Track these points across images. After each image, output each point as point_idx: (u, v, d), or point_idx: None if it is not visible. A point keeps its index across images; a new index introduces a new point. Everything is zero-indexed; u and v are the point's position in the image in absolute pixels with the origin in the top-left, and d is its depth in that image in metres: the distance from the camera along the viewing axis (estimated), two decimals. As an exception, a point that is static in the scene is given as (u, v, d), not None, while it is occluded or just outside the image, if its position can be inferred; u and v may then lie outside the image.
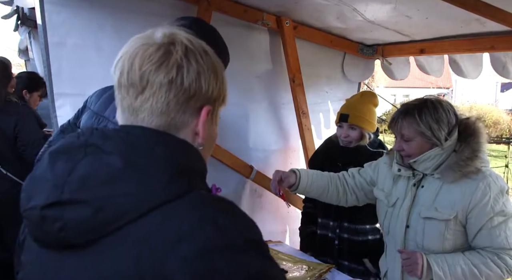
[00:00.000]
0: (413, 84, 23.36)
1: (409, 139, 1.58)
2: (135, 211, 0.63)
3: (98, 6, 2.23)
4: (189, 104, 0.72)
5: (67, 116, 2.13)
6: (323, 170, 2.19)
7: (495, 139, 15.95)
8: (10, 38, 23.57)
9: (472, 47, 2.63)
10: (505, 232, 1.50)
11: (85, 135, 0.69)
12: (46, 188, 0.66)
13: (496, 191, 1.50)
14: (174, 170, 0.67)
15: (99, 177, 0.64)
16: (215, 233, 0.61)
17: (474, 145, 1.53)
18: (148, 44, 0.72)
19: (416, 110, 1.56)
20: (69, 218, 0.63)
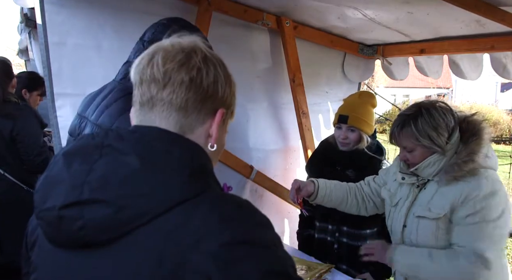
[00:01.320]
0: (413, 84, 23.36)
1: (411, 150, 1.57)
2: (154, 210, 0.64)
3: (98, 6, 2.22)
4: (206, 104, 0.76)
5: (67, 116, 2.13)
6: (322, 174, 2.19)
7: (495, 139, 15.95)
8: (10, 38, 23.62)
9: (472, 47, 2.63)
10: (477, 233, 1.47)
11: (100, 136, 0.72)
12: (64, 189, 0.67)
13: (485, 192, 1.47)
14: (191, 170, 0.69)
15: (118, 177, 0.66)
16: (236, 230, 0.64)
17: (473, 147, 1.50)
18: (170, 48, 0.76)
19: (412, 121, 1.53)
20: (89, 217, 0.65)
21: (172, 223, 0.64)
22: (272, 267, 0.64)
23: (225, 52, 2.81)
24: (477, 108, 19.54)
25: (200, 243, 0.62)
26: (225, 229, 0.63)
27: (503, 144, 15.13)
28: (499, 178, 1.56)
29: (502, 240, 1.50)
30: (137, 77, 0.77)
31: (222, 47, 2.57)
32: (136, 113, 0.79)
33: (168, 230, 0.63)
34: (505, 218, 1.47)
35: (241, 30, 2.76)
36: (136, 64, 0.78)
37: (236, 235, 0.63)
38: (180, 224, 0.64)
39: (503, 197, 1.50)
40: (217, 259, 0.61)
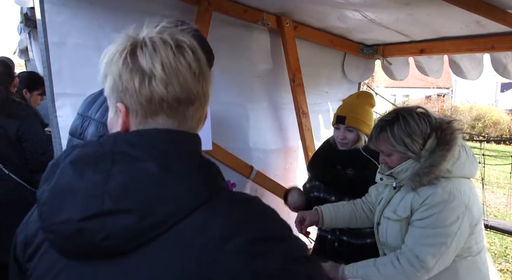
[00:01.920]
0: (413, 84, 23.37)
1: (388, 155, 1.63)
2: (177, 215, 0.65)
3: (99, 6, 2.23)
4: (198, 96, 0.77)
5: (67, 116, 2.13)
6: (323, 173, 2.22)
7: (495, 139, 15.95)
8: (10, 38, 23.61)
9: (472, 47, 2.63)
10: (419, 237, 1.53)
11: (109, 143, 0.70)
12: (80, 200, 0.65)
13: (436, 201, 1.50)
14: (205, 172, 0.70)
15: (140, 185, 0.65)
16: (256, 227, 0.67)
17: (437, 157, 1.52)
18: (179, 43, 0.76)
19: (389, 127, 1.58)
20: (113, 227, 0.64)
21: (193, 227, 0.64)
22: (291, 254, 0.67)
23: (225, 52, 2.84)
24: (477, 108, 19.58)
25: (224, 243, 0.63)
26: (246, 227, 0.66)
27: (503, 144, 15.13)
28: (463, 187, 1.54)
29: (447, 249, 1.51)
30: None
31: (222, 47, 2.58)
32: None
33: (190, 234, 0.64)
34: (453, 229, 1.49)
35: (241, 30, 2.77)
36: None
37: (257, 232, 0.66)
38: (201, 227, 0.64)
39: (455, 209, 1.50)
40: (243, 257, 0.63)
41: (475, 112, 19.21)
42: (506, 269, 4.95)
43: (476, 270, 1.61)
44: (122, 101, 0.73)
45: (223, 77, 2.69)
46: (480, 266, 1.62)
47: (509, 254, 5.41)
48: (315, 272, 0.71)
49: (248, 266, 0.63)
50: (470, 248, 1.58)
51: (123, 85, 0.72)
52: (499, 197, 8.10)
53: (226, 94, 2.74)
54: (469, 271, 1.60)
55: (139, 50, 0.72)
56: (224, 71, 2.68)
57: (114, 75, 0.73)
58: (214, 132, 2.52)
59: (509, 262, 5.17)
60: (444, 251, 1.50)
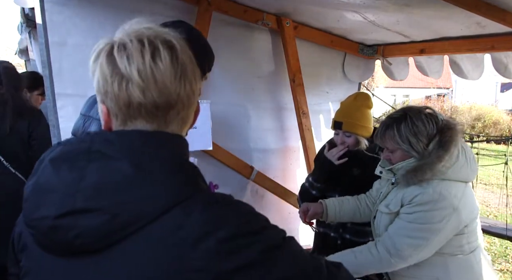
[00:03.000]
0: (413, 84, 23.36)
1: (392, 151, 1.66)
2: (150, 215, 0.65)
3: (99, 5, 2.23)
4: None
5: (68, 116, 2.13)
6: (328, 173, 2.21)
7: (495, 139, 15.94)
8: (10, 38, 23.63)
9: (472, 47, 2.62)
10: (398, 227, 1.59)
11: (87, 141, 0.70)
12: (56, 198, 0.67)
13: (424, 200, 1.54)
14: (182, 173, 0.70)
15: (112, 184, 0.66)
16: (230, 225, 0.67)
17: (434, 158, 1.55)
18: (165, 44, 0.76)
19: (396, 124, 1.62)
20: (85, 225, 0.65)
21: (167, 227, 0.65)
22: (267, 244, 0.68)
23: (225, 52, 2.84)
24: (477, 108, 19.58)
25: (198, 242, 0.63)
26: (220, 226, 0.65)
27: (503, 144, 15.12)
28: (455, 190, 1.56)
29: (426, 244, 1.54)
30: None
31: (222, 47, 2.58)
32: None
33: (163, 234, 0.64)
34: (436, 227, 1.52)
35: (242, 30, 2.77)
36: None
37: (231, 229, 0.66)
38: (175, 227, 0.64)
39: (443, 209, 1.53)
40: (217, 254, 0.63)
41: (475, 112, 19.21)
42: (506, 269, 4.95)
43: (468, 268, 1.63)
44: (104, 103, 0.74)
45: (224, 77, 2.69)
46: (474, 264, 1.64)
47: (509, 254, 5.41)
48: (294, 249, 0.73)
49: (221, 265, 0.63)
50: (461, 247, 1.61)
51: (104, 88, 0.73)
52: (499, 197, 8.10)
53: (226, 94, 2.74)
54: (461, 268, 1.63)
55: (116, 53, 0.71)
56: (225, 71, 2.67)
57: (97, 76, 0.74)
58: (215, 132, 2.52)
59: (509, 262, 5.17)
60: (423, 245, 1.54)
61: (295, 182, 3.11)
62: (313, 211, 1.94)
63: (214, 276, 0.63)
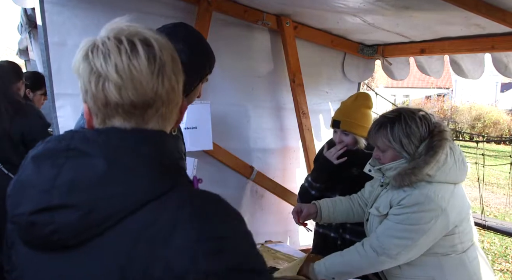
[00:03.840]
0: (413, 84, 23.36)
1: (384, 151, 1.67)
2: (124, 210, 0.66)
3: (99, 5, 2.23)
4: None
5: (67, 116, 2.13)
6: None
7: (495, 139, 15.94)
8: (10, 38, 23.61)
9: (472, 47, 2.62)
10: (386, 227, 1.61)
11: (66, 139, 0.71)
12: (34, 194, 0.68)
13: (410, 203, 1.56)
14: (160, 168, 0.70)
15: (86, 181, 0.66)
16: (206, 225, 0.66)
17: (421, 162, 1.56)
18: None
19: (389, 124, 1.62)
20: (60, 221, 0.66)
21: (141, 222, 0.65)
22: (240, 264, 0.67)
23: (225, 52, 2.84)
24: (477, 108, 19.58)
25: (170, 239, 0.64)
26: (194, 224, 0.65)
27: (503, 144, 15.13)
28: (442, 192, 1.58)
29: (413, 244, 1.56)
30: None
31: (222, 47, 2.58)
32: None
33: (137, 229, 0.65)
34: (423, 227, 1.54)
35: (242, 30, 2.77)
36: None
37: (206, 230, 0.65)
38: (149, 223, 0.65)
39: (430, 211, 1.55)
40: (187, 254, 0.63)
41: (475, 112, 19.21)
42: (506, 269, 4.95)
43: (462, 266, 1.65)
44: (86, 102, 0.75)
45: (224, 77, 2.69)
46: (467, 263, 1.65)
47: (509, 254, 5.41)
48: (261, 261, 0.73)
49: (193, 265, 0.63)
50: (453, 247, 1.63)
51: (84, 86, 0.73)
52: (499, 197, 8.10)
53: (226, 94, 2.74)
54: (455, 267, 1.64)
55: (94, 51, 0.72)
56: (225, 71, 2.68)
57: (79, 74, 0.74)
58: (215, 132, 2.52)
59: (509, 262, 5.17)
60: (410, 245, 1.56)
61: (295, 182, 3.12)
62: (306, 211, 1.94)
63: (181, 274, 0.63)
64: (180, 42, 0.85)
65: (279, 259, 2.04)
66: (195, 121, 2.55)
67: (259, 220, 3.00)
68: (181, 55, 0.83)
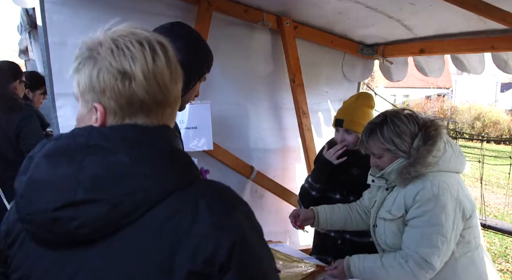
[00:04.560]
0: (413, 84, 23.37)
1: (380, 156, 1.68)
2: (147, 203, 0.69)
3: (99, 5, 2.23)
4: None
5: (68, 116, 2.13)
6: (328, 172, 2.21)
7: (495, 139, 15.94)
8: (10, 38, 23.61)
9: (472, 47, 2.62)
10: (417, 236, 1.57)
11: (84, 136, 0.73)
12: (54, 191, 0.69)
13: (427, 196, 1.55)
14: (178, 162, 0.74)
15: (111, 176, 0.69)
16: (223, 212, 0.72)
17: (423, 152, 1.57)
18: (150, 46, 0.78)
19: (378, 129, 1.64)
20: (86, 216, 0.68)
21: (163, 214, 0.69)
22: (255, 227, 0.76)
23: (225, 52, 2.84)
24: (477, 108, 19.59)
25: (192, 228, 0.68)
26: (213, 213, 0.70)
27: (503, 144, 15.13)
28: (450, 181, 1.59)
29: (448, 245, 1.55)
30: None
31: (222, 47, 2.58)
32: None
33: (160, 221, 0.68)
34: (449, 224, 1.54)
35: (242, 30, 2.77)
36: None
37: (223, 216, 0.71)
38: (171, 214, 0.69)
39: (448, 201, 1.54)
40: (211, 240, 0.67)
41: (475, 112, 19.22)
42: (506, 269, 4.96)
43: (473, 266, 1.64)
44: (100, 102, 0.75)
45: (224, 77, 2.69)
46: (477, 262, 1.65)
47: (509, 254, 5.41)
48: (266, 251, 0.78)
49: (220, 248, 0.68)
50: (469, 243, 1.62)
51: (100, 85, 0.74)
52: (499, 197, 8.10)
53: (226, 94, 2.74)
54: (466, 267, 1.63)
55: (117, 53, 0.74)
56: (225, 71, 2.68)
57: (90, 73, 0.74)
58: (215, 132, 2.53)
59: (509, 262, 5.17)
60: (446, 248, 1.54)
61: (295, 181, 3.12)
62: (303, 216, 1.95)
63: (199, 258, 0.66)
64: (178, 41, 0.86)
65: (279, 259, 2.04)
66: (195, 121, 2.55)
67: (259, 220, 2.99)
68: (179, 54, 0.84)
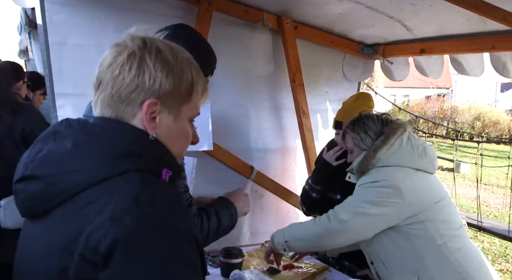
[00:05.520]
0: (413, 84, 23.34)
1: (351, 151, 1.90)
2: (77, 186, 0.73)
3: (100, 5, 2.23)
4: (131, 97, 0.80)
5: (68, 116, 2.11)
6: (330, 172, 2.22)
7: (495, 139, 15.94)
8: (10, 38, 23.59)
9: (472, 47, 2.62)
10: (343, 202, 1.76)
11: (57, 124, 0.83)
12: (20, 167, 0.80)
13: (368, 180, 1.73)
14: (117, 153, 0.75)
15: (53, 157, 0.76)
16: (130, 205, 0.69)
17: (376, 147, 1.75)
18: (112, 47, 0.83)
19: (351, 125, 1.89)
20: (30, 190, 0.77)
21: (85, 200, 0.72)
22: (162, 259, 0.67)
23: (225, 52, 2.83)
24: (477, 108, 19.58)
25: (96, 216, 0.69)
26: (118, 206, 0.69)
27: (503, 144, 15.12)
28: (397, 174, 1.70)
29: (365, 213, 1.67)
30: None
31: (222, 47, 2.57)
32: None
33: (80, 206, 0.71)
34: (377, 200, 1.67)
35: (242, 30, 2.76)
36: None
37: (125, 212, 0.68)
38: (90, 201, 0.71)
39: (384, 187, 1.68)
40: (101, 228, 0.67)
41: (475, 112, 19.21)
42: (506, 269, 4.96)
43: (443, 257, 1.68)
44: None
45: (224, 77, 2.69)
46: (448, 254, 1.69)
47: (509, 254, 5.42)
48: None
49: (105, 235, 0.66)
50: (431, 237, 1.68)
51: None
52: (499, 197, 8.10)
53: (226, 94, 2.74)
54: (435, 258, 1.69)
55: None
56: (225, 71, 2.67)
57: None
58: (215, 132, 2.52)
59: (509, 262, 5.18)
60: (360, 213, 1.68)
61: (295, 182, 3.12)
62: (278, 257, 1.93)
63: (99, 244, 0.66)
64: (180, 43, 0.87)
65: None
66: (195, 121, 2.54)
67: (259, 220, 3.00)
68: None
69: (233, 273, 1.71)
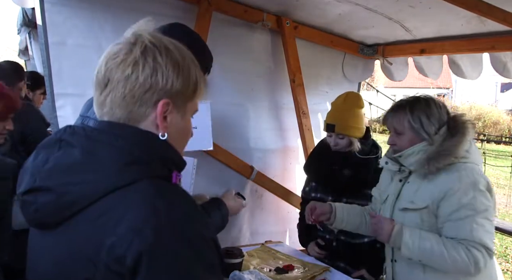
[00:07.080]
0: (413, 84, 23.29)
1: (401, 133, 1.65)
2: (90, 196, 0.71)
3: (99, 5, 2.23)
4: (145, 97, 0.78)
5: (67, 116, 2.13)
6: (320, 173, 2.24)
7: (495, 139, 15.94)
8: (10, 38, 23.56)
9: (472, 47, 2.62)
10: (471, 225, 1.50)
11: (60, 132, 0.80)
12: (27, 178, 0.78)
13: (466, 184, 1.52)
14: (128, 160, 0.74)
15: (62, 167, 0.74)
16: (149, 215, 0.68)
17: (455, 142, 1.56)
18: (117, 45, 0.80)
19: (408, 105, 1.64)
20: (40, 202, 0.75)
21: (100, 210, 0.70)
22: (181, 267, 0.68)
23: (225, 52, 2.83)
24: (477, 108, 19.58)
25: (116, 227, 0.67)
26: (137, 215, 0.68)
27: (503, 144, 15.13)
28: (480, 171, 1.60)
29: (493, 229, 1.54)
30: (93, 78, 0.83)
31: (222, 47, 2.57)
32: (95, 112, 0.85)
33: (96, 216, 0.70)
34: (492, 210, 1.53)
35: (242, 30, 2.76)
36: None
37: (145, 222, 0.68)
38: (105, 211, 0.70)
39: (484, 190, 1.53)
40: (124, 241, 0.66)
41: (475, 112, 19.21)
42: (506, 269, 4.95)
43: (490, 265, 1.60)
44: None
45: (224, 77, 2.69)
46: (493, 263, 1.64)
47: (509, 254, 5.41)
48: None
49: (129, 247, 0.66)
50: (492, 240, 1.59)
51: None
52: (499, 197, 8.10)
53: (226, 94, 2.74)
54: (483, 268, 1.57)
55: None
56: (225, 71, 2.67)
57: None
58: (215, 132, 2.52)
59: (509, 262, 5.17)
60: (493, 230, 1.52)
61: (295, 181, 3.12)
62: (320, 210, 1.87)
63: (120, 255, 0.66)
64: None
65: (279, 259, 2.05)
66: (195, 121, 2.52)
67: (258, 219, 3.00)
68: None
69: (232, 274, 1.71)
